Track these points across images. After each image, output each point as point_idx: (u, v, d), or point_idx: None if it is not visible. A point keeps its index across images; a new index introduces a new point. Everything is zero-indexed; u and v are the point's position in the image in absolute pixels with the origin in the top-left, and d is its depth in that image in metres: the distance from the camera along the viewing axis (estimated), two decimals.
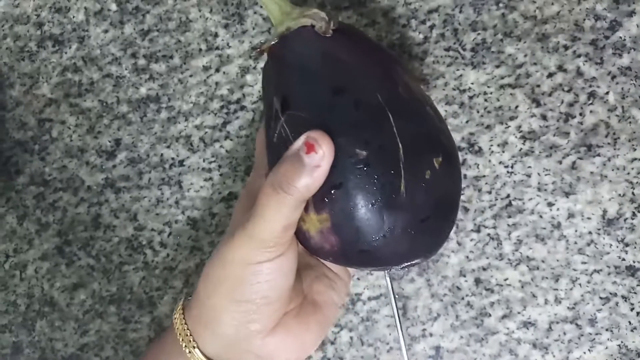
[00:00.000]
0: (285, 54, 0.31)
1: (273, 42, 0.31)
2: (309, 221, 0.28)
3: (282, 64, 0.31)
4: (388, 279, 0.31)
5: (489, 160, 0.37)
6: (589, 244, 0.36)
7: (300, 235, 0.29)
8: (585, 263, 0.36)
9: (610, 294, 0.36)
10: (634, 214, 0.36)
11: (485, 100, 0.37)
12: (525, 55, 0.36)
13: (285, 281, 0.29)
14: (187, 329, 0.30)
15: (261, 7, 0.39)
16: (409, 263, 0.29)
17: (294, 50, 0.30)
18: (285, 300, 0.30)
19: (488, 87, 0.37)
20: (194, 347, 0.30)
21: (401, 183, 0.27)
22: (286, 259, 0.29)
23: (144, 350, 0.40)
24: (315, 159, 0.26)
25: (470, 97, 0.37)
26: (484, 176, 0.37)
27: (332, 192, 0.27)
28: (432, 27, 0.37)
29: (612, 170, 0.36)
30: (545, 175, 0.36)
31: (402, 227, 0.27)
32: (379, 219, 0.27)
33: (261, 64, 0.39)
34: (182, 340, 0.30)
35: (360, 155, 0.27)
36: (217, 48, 0.39)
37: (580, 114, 0.36)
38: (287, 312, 0.30)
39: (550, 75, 0.36)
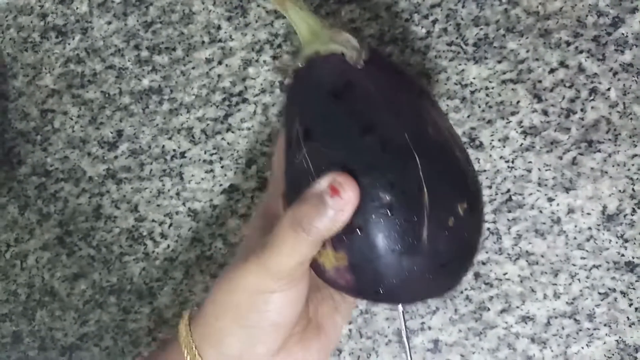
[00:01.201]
0: (312, 79, 0.29)
1: (300, 65, 0.30)
2: (325, 255, 0.28)
3: (307, 90, 0.30)
4: (401, 313, 0.31)
5: (490, 155, 0.37)
6: (588, 240, 0.36)
7: (314, 265, 0.29)
8: (584, 258, 0.36)
9: (609, 289, 0.36)
10: (634, 210, 0.36)
11: (487, 95, 0.37)
12: (528, 51, 0.37)
13: (294, 310, 0.29)
14: (193, 341, 0.30)
15: (264, 1, 0.39)
16: (422, 300, 0.29)
17: (322, 77, 0.29)
18: (292, 326, 0.30)
19: (490, 82, 0.37)
20: None
21: (423, 230, 0.26)
22: (297, 290, 0.28)
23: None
24: (340, 204, 0.26)
25: (472, 92, 0.37)
26: (485, 171, 0.37)
27: (351, 232, 0.26)
28: (434, 21, 0.37)
29: (613, 166, 0.36)
30: (546, 170, 0.36)
31: (420, 273, 0.27)
32: (398, 265, 0.26)
33: (264, 57, 0.39)
34: (188, 353, 0.30)
35: (383, 200, 0.26)
36: (219, 40, 0.40)
37: (582, 110, 0.36)
38: (291, 335, 0.30)
39: (552, 71, 0.36)
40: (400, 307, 0.30)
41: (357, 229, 0.26)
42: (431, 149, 0.27)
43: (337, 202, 0.26)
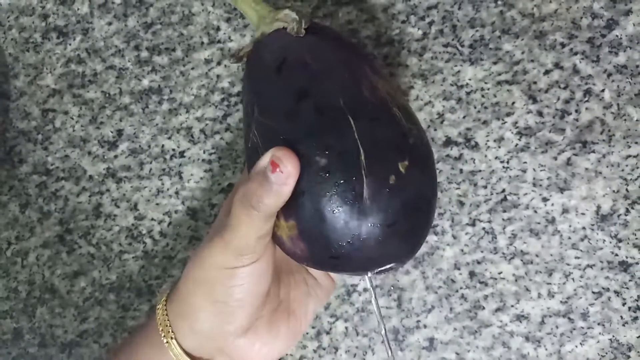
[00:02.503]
0: (257, 60, 0.31)
1: (248, 49, 0.31)
2: (280, 227, 0.29)
3: (254, 70, 0.31)
4: (368, 283, 0.31)
5: (485, 155, 0.37)
6: (582, 239, 0.36)
7: (276, 239, 0.30)
8: (578, 258, 0.37)
9: (603, 288, 0.36)
10: (627, 210, 0.36)
11: (483, 96, 0.37)
12: (523, 52, 0.37)
13: (259, 286, 0.30)
14: (168, 320, 0.32)
15: None
16: (382, 268, 0.29)
17: (264, 55, 0.31)
18: (260, 305, 0.31)
19: (485, 83, 0.37)
20: (171, 338, 0.31)
21: (363, 189, 0.26)
22: (260, 266, 0.30)
23: (127, 336, 0.41)
24: (281, 178, 0.27)
25: (468, 93, 0.38)
26: (480, 171, 0.37)
27: (296, 200, 0.27)
28: (431, 23, 0.38)
29: (607, 166, 0.36)
30: (541, 170, 0.37)
31: (367, 233, 0.27)
32: (344, 226, 0.27)
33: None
34: (162, 330, 0.32)
35: (320, 163, 0.27)
36: (218, 41, 0.40)
37: (576, 111, 0.37)
38: (261, 317, 0.31)
39: (547, 72, 0.37)
40: (367, 277, 0.30)
41: (300, 195, 0.27)
42: (366, 110, 0.28)
43: (278, 176, 0.27)
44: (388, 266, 0.29)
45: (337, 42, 0.31)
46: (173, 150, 0.41)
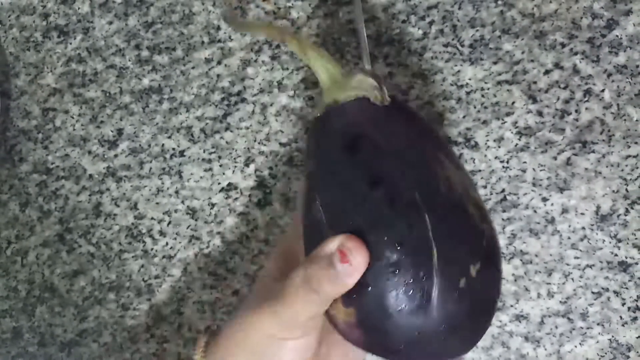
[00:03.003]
0: (327, 130, 0.29)
1: (319, 114, 0.30)
2: (337, 309, 0.27)
3: (324, 138, 0.29)
4: None
5: (485, 155, 0.37)
6: (582, 239, 0.36)
7: (329, 315, 0.29)
8: (578, 258, 0.37)
9: (603, 288, 0.36)
10: (627, 210, 0.36)
11: (482, 96, 0.37)
12: (523, 52, 0.37)
13: (305, 356, 0.30)
14: None
15: (263, 1, 0.40)
16: None
17: (336, 128, 0.29)
18: None
19: (485, 83, 0.37)
20: None
21: (432, 291, 0.25)
22: (309, 340, 0.29)
23: None
24: (348, 270, 0.26)
25: (468, 93, 0.38)
26: (480, 170, 0.37)
27: (360, 290, 0.26)
28: (431, 23, 0.38)
29: (607, 166, 0.36)
30: (540, 170, 0.37)
31: (430, 334, 0.26)
32: (407, 325, 0.26)
33: (263, 57, 0.40)
34: None
35: (391, 259, 0.26)
36: (219, 41, 0.40)
37: (576, 111, 0.37)
38: None
39: (546, 72, 0.37)
40: None
41: (365, 287, 0.26)
42: (442, 207, 0.27)
43: (345, 267, 0.26)
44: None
45: (416, 122, 0.30)
46: (173, 149, 0.41)
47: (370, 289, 0.26)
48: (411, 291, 0.25)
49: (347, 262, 0.26)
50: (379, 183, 0.27)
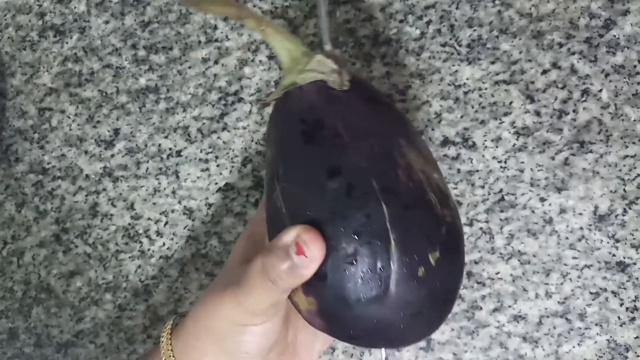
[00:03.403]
0: (287, 114, 0.29)
1: (277, 97, 0.29)
2: (298, 297, 0.28)
3: (283, 124, 0.29)
4: (383, 352, 0.30)
5: (483, 155, 0.37)
6: (580, 240, 0.36)
7: (292, 302, 0.29)
8: (576, 258, 0.36)
9: (600, 289, 0.36)
10: (625, 211, 0.36)
11: (480, 95, 0.37)
12: (520, 52, 0.37)
13: (268, 340, 0.30)
14: (172, 356, 0.31)
15: (261, 1, 0.39)
16: (398, 347, 0.29)
17: (295, 111, 0.28)
18: (267, 353, 0.30)
19: (483, 82, 0.37)
20: None
21: (390, 281, 0.25)
22: (272, 325, 0.29)
23: None
24: (304, 262, 0.26)
25: (465, 93, 0.37)
26: (478, 171, 0.37)
27: (318, 280, 0.26)
28: (428, 22, 0.38)
29: (604, 166, 0.36)
30: (538, 170, 0.37)
31: (390, 322, 0.26)
32: (366, 314, 0.26)
33: (260, 57, 0.39)
34: None
35: (348, 250, 0.25)
36: (216, 40, 0.40)
37: (574, 111, 0.36)
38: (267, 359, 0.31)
39: (544, 72, 0.37)
40: (382, 351, 0.30)
41: (324, 277, 0.26)
42: (400, 195, 0.26)
43: (301, 259, 0.26)
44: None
45: (375, 106, 0.29)
46: (170, 149, 0.41)
47: (328, 279, 0.26)
48: (369, 281, 0.25)
49: (303, 253, 0.26)
50: (336, 172, 0.26)
